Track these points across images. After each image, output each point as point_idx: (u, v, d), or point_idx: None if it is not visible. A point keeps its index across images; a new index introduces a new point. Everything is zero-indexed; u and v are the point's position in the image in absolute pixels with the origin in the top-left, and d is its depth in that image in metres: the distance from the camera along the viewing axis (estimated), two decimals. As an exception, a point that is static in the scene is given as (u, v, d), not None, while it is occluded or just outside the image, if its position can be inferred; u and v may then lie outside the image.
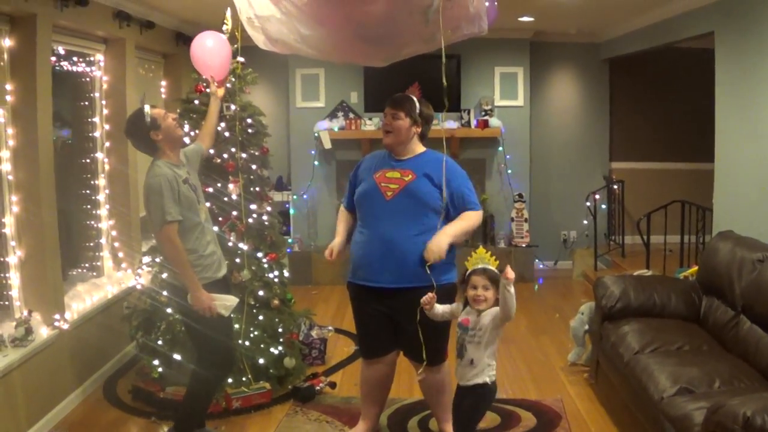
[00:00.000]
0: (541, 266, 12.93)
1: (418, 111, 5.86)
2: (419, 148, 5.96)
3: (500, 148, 12.38)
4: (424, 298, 5.21)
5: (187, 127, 7.07)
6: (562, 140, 13.08)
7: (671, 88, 13.00)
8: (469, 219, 5.83)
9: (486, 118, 12.08)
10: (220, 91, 6.65)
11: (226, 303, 5.84)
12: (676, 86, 12.94)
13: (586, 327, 7.76)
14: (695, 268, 8.00)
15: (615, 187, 12.55)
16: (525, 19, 10.91)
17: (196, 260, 5.76)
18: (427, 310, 5.26)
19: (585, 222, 12.62)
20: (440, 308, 5.32)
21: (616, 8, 10.02)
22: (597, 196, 12.33)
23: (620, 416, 6.46)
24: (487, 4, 5.64)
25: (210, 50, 6.55)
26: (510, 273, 4.87)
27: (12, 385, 6.07)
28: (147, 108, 5.72)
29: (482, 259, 5.13)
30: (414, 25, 5.52)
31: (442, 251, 5.57)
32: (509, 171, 12.40)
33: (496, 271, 5.03)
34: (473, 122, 12.09)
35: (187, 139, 6.73)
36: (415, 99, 5.92)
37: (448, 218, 5.80)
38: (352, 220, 6.29)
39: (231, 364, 6.30)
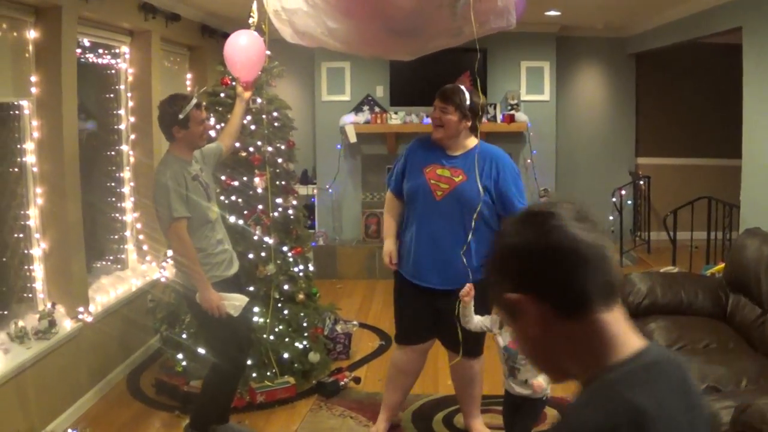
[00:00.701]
0: (566, 262, 12.81)
1: (468, 103, 5.70)
2: (471, 142, 5.83)
3: (526, 143, 12.34)
4: (463, 291, 5.19)
5: (212, 120, 7.05)
6: (588, 135, 13.03)
7: (698, 84, 12.93)
8: None
9: (512, 112, 12.05)
10: (247, 93, 6.39)
11: (234, 303, 5.81)
12: (703, 82, 12.87)
13: (613, 324, 7.71)
14: (722, 265, 7.95)
15: (641, 182, 12.50)
16: (551, 13, 10.87)
17: (203, 258, 5.72)
18: (465, 303, 5.23)
19: (611, 218, 12.51)
20: (477, 318, 5.30)
21: (642, 3, 9.97)
22: (623, 192, 12.27)
23: (646, 414, 6.42)
24: (515, -2, 5.62)
25: (240, 49, 6.26)
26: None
27: (35, 377, 6.09)
28: (193, 102, 5.70)
29: None
30: (442, 19, 5.51)
31: None
32: (535, 166, 12.36)
33: None
34: (499, 117, 12.06)
35: (212, 133, 6.73)
36: (465, 90, 5.77)
37: (497, 215, 5.73)
38: (400, 207, 6.13)
39: (244, 359, 6.27)
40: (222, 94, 7.28)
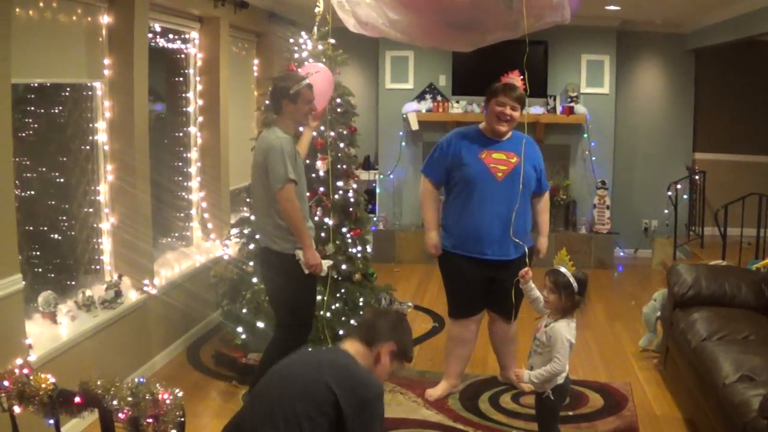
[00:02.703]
0: (621, 254, 12.96)
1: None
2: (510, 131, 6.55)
3: (585, 135, 12.45)
4: (522, 272, 5.57)
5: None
6: (646, 129, 13.08)
7: (757, 81, 12.85)
8: (548, 207, 6.82)
9: (571, 104, 12.19)
10: (315, 123, 6.66)
11: (327, 263, 6.33)
12: (762, 79, 12.84)
13: (658, 313, 7.83)
14: (768, 260, 8.04)
15: (697, 177, 12.52)
16: (612, 8, 10.93)
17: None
18: (523, 284, 5.55)
19: (666, 211, 12.61)
20: (537, 292, 5.51)
21: (700, 0, 10.03)
22: (679, 186, 12.32)
23: (685, 401, 6.57)
24: (570, -7, 5.82)
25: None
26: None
27: (100, 344, 6.37)
28: (304, 82, 6.04)
29: (562, 261, 5.26)
30: (498, 12, 5.74)
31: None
32: (593, 158, 12.47)
33: (568, 276, 5.07)
34: (559, 108, 12.20)
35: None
36: None
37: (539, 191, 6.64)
38: (438, 197, 6.84)
39: (309, 327, 6.40)
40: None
